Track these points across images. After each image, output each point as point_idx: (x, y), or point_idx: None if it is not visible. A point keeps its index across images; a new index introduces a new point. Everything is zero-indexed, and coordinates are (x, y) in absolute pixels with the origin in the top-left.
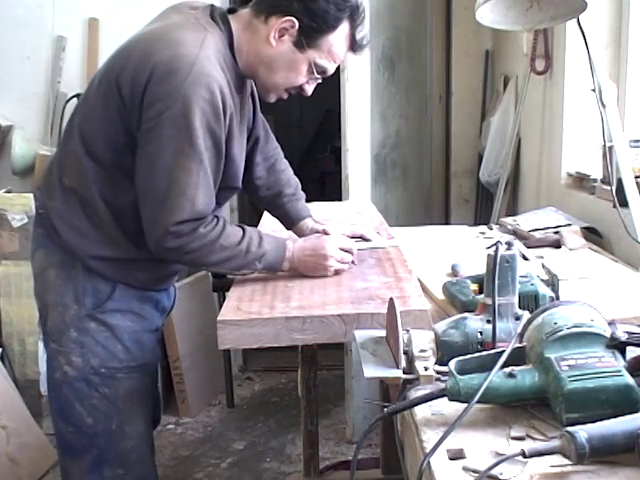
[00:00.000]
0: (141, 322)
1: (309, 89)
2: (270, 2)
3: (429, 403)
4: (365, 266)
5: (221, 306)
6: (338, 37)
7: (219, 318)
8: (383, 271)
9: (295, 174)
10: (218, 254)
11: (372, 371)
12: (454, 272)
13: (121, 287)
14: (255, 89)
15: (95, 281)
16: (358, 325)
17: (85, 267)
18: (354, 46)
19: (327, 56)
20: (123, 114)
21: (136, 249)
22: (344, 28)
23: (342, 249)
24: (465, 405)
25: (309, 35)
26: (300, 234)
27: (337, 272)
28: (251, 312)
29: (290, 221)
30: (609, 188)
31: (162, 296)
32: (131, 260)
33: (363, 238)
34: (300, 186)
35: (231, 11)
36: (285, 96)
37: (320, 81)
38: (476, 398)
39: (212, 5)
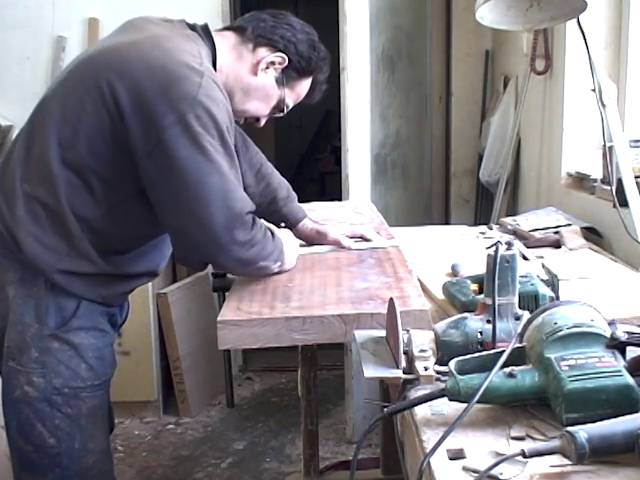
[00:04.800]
0: (103, 337)
1: (263, 122)
2: (261, 33)
3: (429, 403)
4: (365, 266)
5: (221, 306)
6: (308, 83)
7: (219, 318)
8: (383, 271)
9: (295, 174)
10: (271, 242)
11: (372, 371)
12: (454, 272)
13: (85, 303)
14: None
15: (59, 298)
16: (358, 325)
17: (48, 283)
18: (310, 94)
19: (294, 97)
20: (117, 123)
21: (104, 264)
22: (313, 76)
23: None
24: (465, 405)
25: (290, 75)
26: (300, 236)
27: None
28: (251, 312)
29: (289, 224)
30: (609, 188)
31: (116, 311)
32: (98, 275)
33: (363, 238)
34: (290, 187)
35: (207, 28)
36: (241, 122)
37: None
38: (476, 398)
39: (184, 20)
